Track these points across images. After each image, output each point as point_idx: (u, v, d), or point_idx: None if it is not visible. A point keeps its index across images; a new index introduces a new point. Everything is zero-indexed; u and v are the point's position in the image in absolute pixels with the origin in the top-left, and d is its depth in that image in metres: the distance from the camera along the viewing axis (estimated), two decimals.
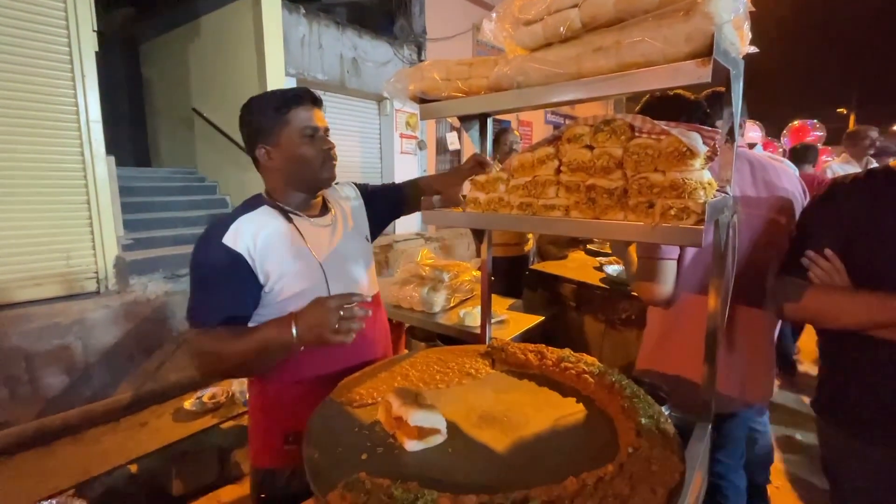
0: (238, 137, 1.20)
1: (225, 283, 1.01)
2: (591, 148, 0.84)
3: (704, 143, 0.80)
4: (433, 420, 0.82)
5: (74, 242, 2.67)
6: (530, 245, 3.30)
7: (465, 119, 1.24)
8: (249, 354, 0.95)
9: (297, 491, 0.95)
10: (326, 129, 1.11)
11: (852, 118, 20.00)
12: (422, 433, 0.81)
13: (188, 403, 2.52)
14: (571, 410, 0.94)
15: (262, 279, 1.03)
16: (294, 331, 0.90)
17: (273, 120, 1.06)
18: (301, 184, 1.12)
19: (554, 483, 0.65)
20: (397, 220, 5.65)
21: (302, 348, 0.92)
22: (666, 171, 0.75)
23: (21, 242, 2.48)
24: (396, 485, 0.65)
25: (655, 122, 0.81)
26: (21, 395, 2.28)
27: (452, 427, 0.87)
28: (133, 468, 1.95)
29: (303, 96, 1.08)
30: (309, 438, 0.83)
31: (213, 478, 2.10)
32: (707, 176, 0.76)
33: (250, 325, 1.03)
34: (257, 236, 1.03)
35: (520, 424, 0.89)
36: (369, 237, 1.31)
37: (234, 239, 1.01)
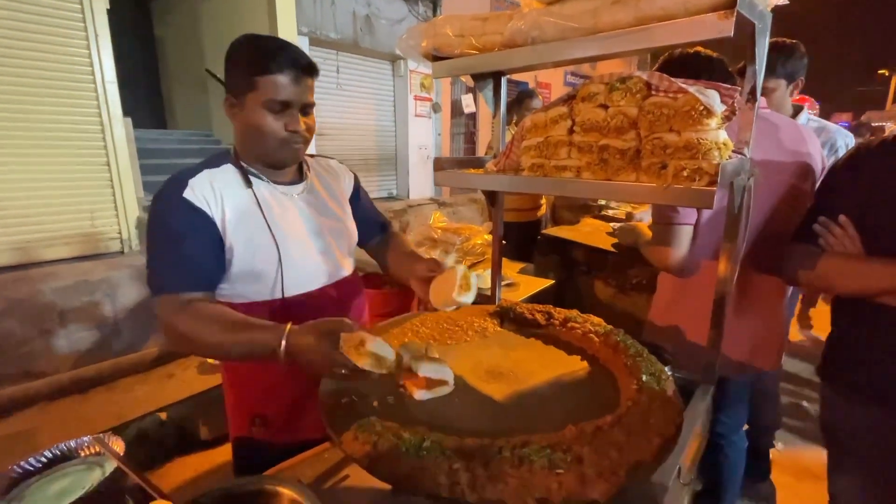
0: None
1: (191, 243, 0.90)
2: (605, 107, 0.82)
3: (723, 101, 0.77)
4: (441, 372, 0.85)
5: (97, 203, 2.74)
6: (543, 211, 3.28)
7: (479, 78, 1.21)
8: (227, 348, 0.84)
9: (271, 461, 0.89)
10: (306, 105, 0.96)
11: (894, 80, 18.84)
12: (430, 384, 0.84)
13: (212, 359, 2.63)
14: (576, 367, 0.97)
15: (227, 245, 0.93)
16: (282, 348, 0.77)
17: (242, 77, 0.92)
18: (255, 154, 0.99)
19: (554, 431, 0.69)
20: (411, 185, 5.64)
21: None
22: (681, 131, 0.73)
23: (47, 202, 2.55)
24: (405, 428, 0.69)
25: (673, 79, 0.78)
26: (57, 347, 2.43)
27: (460, 380, 0.91)
28: (163, 415, 2.09)
29: (284, 62, 0.89)
30: (324, 386, 0.87)
31: None
32: (723, 136, 0.74)
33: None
34: (220, 197, 0.93)
35: (525, 379, 0.92)
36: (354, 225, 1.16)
37: (195, 194, 0.91)
